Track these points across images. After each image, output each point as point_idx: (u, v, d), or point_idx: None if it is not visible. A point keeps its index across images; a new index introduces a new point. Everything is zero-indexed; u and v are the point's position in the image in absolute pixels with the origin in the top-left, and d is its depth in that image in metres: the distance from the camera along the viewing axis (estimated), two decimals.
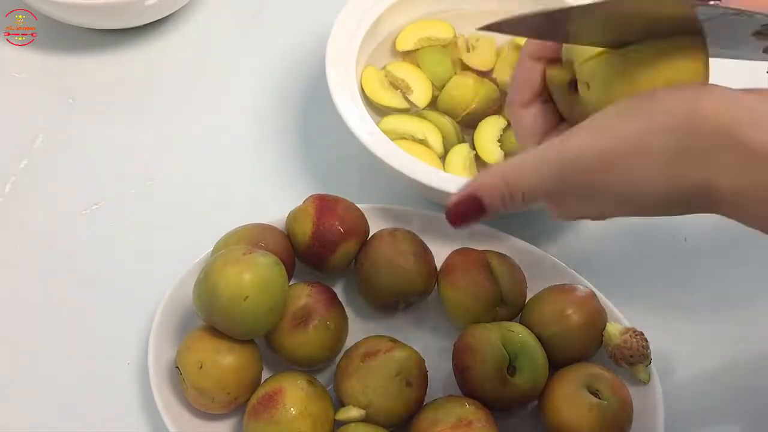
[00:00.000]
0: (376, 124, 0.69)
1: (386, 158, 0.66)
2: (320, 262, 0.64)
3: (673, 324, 0.67)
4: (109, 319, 0.66)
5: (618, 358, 0.59)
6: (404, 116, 0.76)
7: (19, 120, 0.79)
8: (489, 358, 0.57)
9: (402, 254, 0.63)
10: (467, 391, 0.59)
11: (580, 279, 0.64)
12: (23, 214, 0.72)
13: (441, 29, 0.81)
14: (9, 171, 0.75)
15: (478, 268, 0.62)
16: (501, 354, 0.57)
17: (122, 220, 0.72)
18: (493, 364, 0.57)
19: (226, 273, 0.56)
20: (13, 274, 0.69)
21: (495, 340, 0.58)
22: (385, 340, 0.60)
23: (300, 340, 0.59)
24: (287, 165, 0.76)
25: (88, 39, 0.85)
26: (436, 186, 0.65)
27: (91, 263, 0.69)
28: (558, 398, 0.57)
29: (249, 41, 0.87)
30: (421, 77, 0.78)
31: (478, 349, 0.58)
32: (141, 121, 0.80)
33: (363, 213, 0.66)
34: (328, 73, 0.70)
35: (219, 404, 0.58)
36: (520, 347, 0.58)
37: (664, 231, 0.73)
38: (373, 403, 0.57)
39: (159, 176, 0.75)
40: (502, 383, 0.57)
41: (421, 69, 0.78)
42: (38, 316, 0.66)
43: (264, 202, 0.73)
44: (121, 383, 0.63)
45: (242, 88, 0.82)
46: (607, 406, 0.56)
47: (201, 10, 0.88)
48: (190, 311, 0.61)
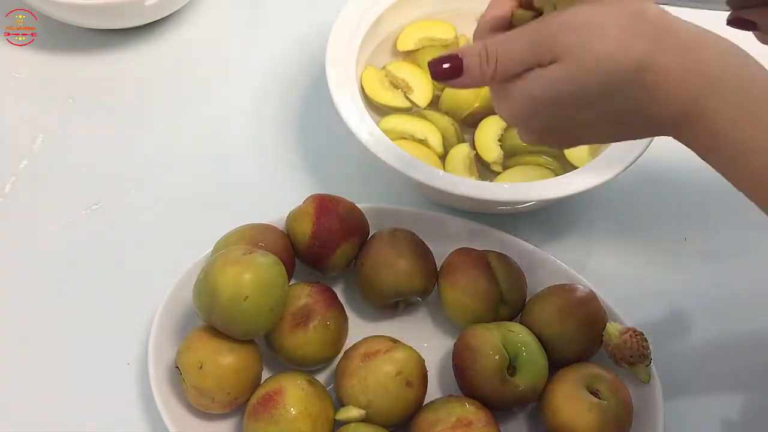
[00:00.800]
0: (376, 123, 0.69)
1: (386, 158, 0.66)
2: (320, 262, 0.64)
3: (673, 324, 0.67)
4: (109, 319, 0.66)
5: (618, 358, 0.59)
6: (404, 116, 0.76)
7: (19, 120, 0.79)
8: (489, 358, 0.57)
9: (402, 254, 0.63)
10: (467, 391, 0.59)
11: (580, 279, 0.64)
12: (23, 214, 0.72)
13: (442, 29, 0.81)
14: (9, 171, 0.75)
15: (478, 268, 0.62)
16: (501, 354, 0.57)
17: (122, 220, 0.72)
18: (493, 364, 0.57)
19: (226, 273, 0.56)
20: (13, 274, 0.69)
21: (495, 340, 0.58)
22: (385, 340, 0.60)
23: (300, 340, 0.59)
24: (287, 165, 0.76)
25: (88, 39, 0.85)
26: (436, 186, 0.65)
27: (91, 263, 0.69)
28: (558, 398, 0.57)
29: (249, 41, 0.87)
30: (422, 77, 0.78)
31: (478, 349, 0.58)
32: (141, 120, 0.80)
33: (363, 213, 0.66)
34: (328, 73, 0.70)
35: (219, 404, 0.58)
36: (520, 347, 0.58)
37: (664, 231, 0.73)
38: (373, 403, 0.57)
39: (159, 176, 0.75)
40: (502, 383, 0.57)
41: (422, 69, 0.78)
42: (38, 316, 0.66)
43: (264, 202, 0.73)
44: (121, 383, 0.63)
45: (242, 88, 0.82)
46: (607, 406, 0.56)
47: (201, 10, 0.88)
48: (190, 311, 0.61)
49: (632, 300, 0.66)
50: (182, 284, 0.62)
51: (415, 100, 0.77)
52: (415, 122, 0.75)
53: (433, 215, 0.68)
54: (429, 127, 0.74)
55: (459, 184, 0.66)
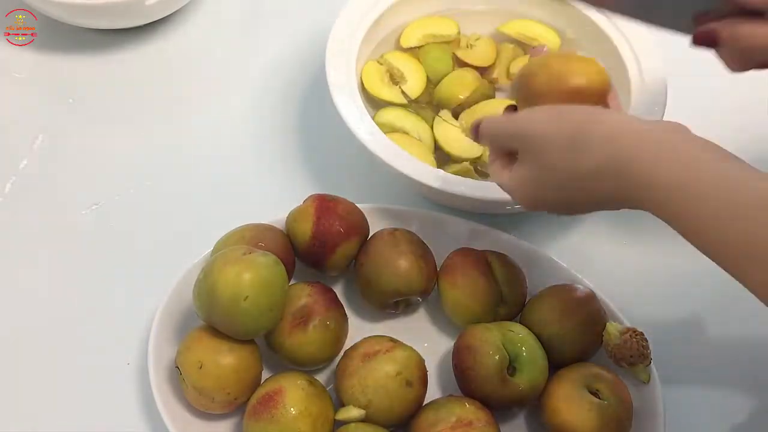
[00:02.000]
0: (373, 117, 0.69)
1: (386, 158, 0.66)
2: (320, 262, 0.64)
3: (673, 324, 0.67)
4: (109, 319, 0.66)
5: (618, 358, 0.59)
6: (400, 110, 0.76)
7: (19, 120, 0.79)
8: (489, 358, 0.57)
9: (402, 254, 0.63)
10: (467, 391, 0.59)
11: (580, 279, 0.64)
12: (23, 214, 0.72)
13: (446, 26, 0.81)
14: (9, 171, 0.75)
15: (478, 268, 0.62)
16: (501, 354, 0.57)
17: (122, 220, 0.72)
18: (493, 364, 0.57)
19: (226, 273, 0.56)
20: (13, 274, 0.69)
21: (495, 340, 0.58)
22: (385, 340, 0.60)
23: (300, 340, 0.59)
24: (287, 165, 0.76)
25: (88, 39, 0.85)
26: (436, 186, 0.65)
27: (91, 263, 0.69)
28: (558, 398, 0.57)
29: (249, 41, 0.87)
30: (417, 68, 0.78)
31: (478, 349, 0.58)
32: (141, 120, 0.80)
33: (363, 213, 0.66)
34: (328, 74, 0.70)
35: (219, 404, 0.58)
36: (520, 347, 0.58)
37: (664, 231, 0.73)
38: (373, 403, 0.57)
39: (159, 176, 0.75)
40: (502, 383, 0.57)
41: (422, 65, 0.79)
42: (38, 316, 0.66)
43: (264, 202, 0.73)
44: (121, 383, 0.63)
45: (242, 88, 0.82)
46: (607, 406, 0.56)
47: (201, 10, 0.88)
48: (190, 311, 0.61)
49: (632, 300, 0.66)
50: (182, 284, 0.62)
51: (406, 90, 0.77)
52: (410, 118, 0.75)
53: (433, 215, 0.68)
54: (422, 125, 0.74)
55: (459, 184, 0.66)
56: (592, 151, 0.48)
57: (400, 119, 0.75)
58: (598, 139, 0.48)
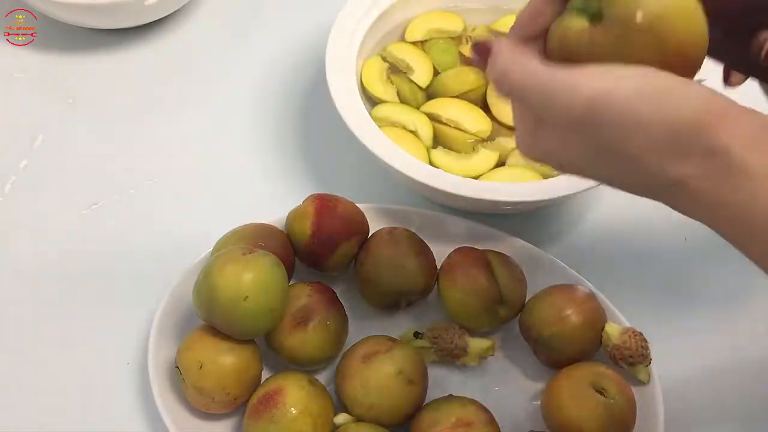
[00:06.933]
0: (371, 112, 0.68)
1: (386, 158, 0.66)
2: (320, 262, 0.64)
3: (673, 324, 0.67)
4: (109, 319, 0.66)
5: (617, 359, 0.59)
6: (398, 106, 0.76)
7: (19, 120, 0.79)
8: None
9: (402, 253, 0.63)
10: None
11: (580, 279, 0.64)
12: (23, 214, 0.72)
13: (452, 21, 0.81)
14: (9, 171, 0.75)
15: (478, 268, 0.62)
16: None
17: (122, 220, 0.72)
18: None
19: (226, 273, 0.56)
20: (13, 274, 0.69)
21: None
22: (385, 340, 0.60)
23: (300, 340, 0.59)
24: (287, 165, 0.76)
25: (88, 39, 0.85)
26: (436, 186, 0.65)
27: (91, 263, 0.69)
28: (564, 396, 0.57)
29: (249, 41, 0.87)
30: (423, 57, 0.78)
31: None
32: (141, 120, 0.80)
33: (363, 213, 0.66)
34: (328, 74, 0.70)
35: (219, 404, 0.58)
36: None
37: (664, 231, 0.73)
38: (377, 404, 0.57)
39: (159, 176, 0.75)
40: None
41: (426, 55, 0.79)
42: (38, 316, 0.66)
43: (264, 202, 0.73)
44: (121, 383, 0.63)
45: (242, 88, 0.82)
46: (614, 404, 0.56)
47: (201, 10, 0.88)
48: (190, 311, 0.61)
49: (632, 300, 0.66)
50: (182, 284, 0.62)
51: (415, 80, 0.77)
52: (407, 113, 0.75)
53: (433, 215, 0.68)
54: (420, 119, 0.74)
55: (459, 184, 0.66)
56: (692, 156, 0.38)
57: (398, 113, 0.74)
58: (705, 149, 0.37)
